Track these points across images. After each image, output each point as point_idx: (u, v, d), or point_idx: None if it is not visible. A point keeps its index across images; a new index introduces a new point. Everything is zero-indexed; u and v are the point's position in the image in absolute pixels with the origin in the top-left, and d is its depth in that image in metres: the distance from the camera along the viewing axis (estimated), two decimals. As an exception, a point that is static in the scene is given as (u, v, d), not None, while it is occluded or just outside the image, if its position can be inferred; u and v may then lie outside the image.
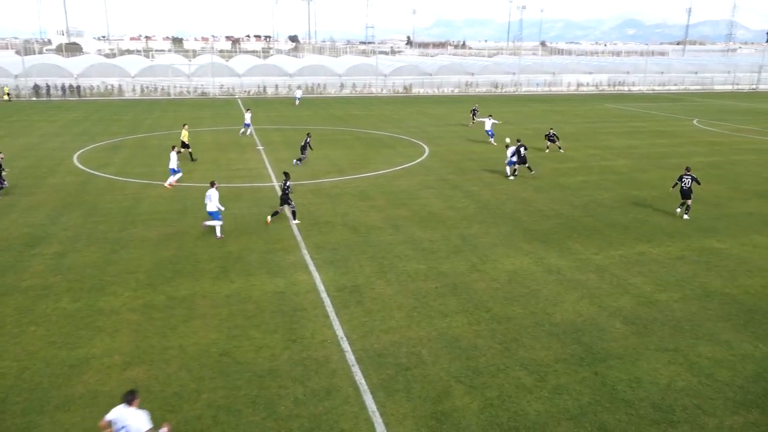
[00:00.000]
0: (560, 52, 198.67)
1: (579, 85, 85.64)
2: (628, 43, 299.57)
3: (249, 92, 73.17)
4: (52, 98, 66.32)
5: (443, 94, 77.39)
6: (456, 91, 79.59)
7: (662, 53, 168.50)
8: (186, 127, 32.88)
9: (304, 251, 18.00)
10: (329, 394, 10.84)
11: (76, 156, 33.17)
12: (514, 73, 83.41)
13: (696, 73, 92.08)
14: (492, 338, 12.88)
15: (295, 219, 20.96)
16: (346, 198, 24.33)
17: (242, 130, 40.37)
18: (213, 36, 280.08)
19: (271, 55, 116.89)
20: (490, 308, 14.33)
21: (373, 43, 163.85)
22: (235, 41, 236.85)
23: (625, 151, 35.99)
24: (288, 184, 20.68)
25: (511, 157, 28.35)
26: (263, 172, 29.20)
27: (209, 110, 56.18)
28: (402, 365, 11.78)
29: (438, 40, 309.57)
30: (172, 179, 26.05)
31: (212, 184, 19.64)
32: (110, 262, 17.02)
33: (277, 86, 74.27)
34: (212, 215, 19.41)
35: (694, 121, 51.25)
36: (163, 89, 71.44)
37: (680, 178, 22.25)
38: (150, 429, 8.13)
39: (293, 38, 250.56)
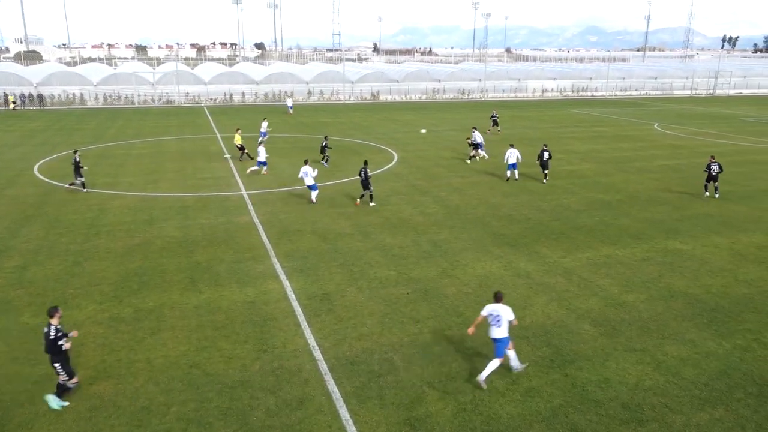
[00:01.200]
0: (525, 58, 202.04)
1: (544, 90, 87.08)
2: (590, 50, 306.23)
3: (215, 100, 72.41)
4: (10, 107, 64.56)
5: (411, 100, 77.81)
6: (423, 97, 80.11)
7: (623, 59, 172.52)
8: (239, 131, 35.92)
9: (274, 260, 17.85)
10: (302, 403, 10.74)
11: (36, 166, 32.33)
12: (480, 80, 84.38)
13: (656, 78, 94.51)
14: (463, 343, 12.94)
15: (372, 202, 24.41)
16: (315, 206, 24.22)
17: (260, 138, 38.43)
18: (177, 43, 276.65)
19: (237, 62, 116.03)
20: (462, 313, 14.40)
21: (340, 50, 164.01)
22: (201, 49, 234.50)
23: (590, 156, 36.69)
24: (367, 171, 24.34)
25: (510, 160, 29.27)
26: (231, 180, 28.90)
27: (175, 119, 55.41)
28: (374, 372, 11.75)
29: (405, 47, 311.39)
30: (264, 168, 30.51)
31: (305, 162, 24.93)
32: (74, 274, 16.60)
33: (243, 94, 73.68)
34: (311, 188, 24.48)
35: (655, 126, 52.55)
36: (126, 98, 70.22)
37: (708, 166, 26.37)
38: (514, 319, 11.40)
39: (259, 45, 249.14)
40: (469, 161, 34.40)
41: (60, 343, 10.47)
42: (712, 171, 26.14)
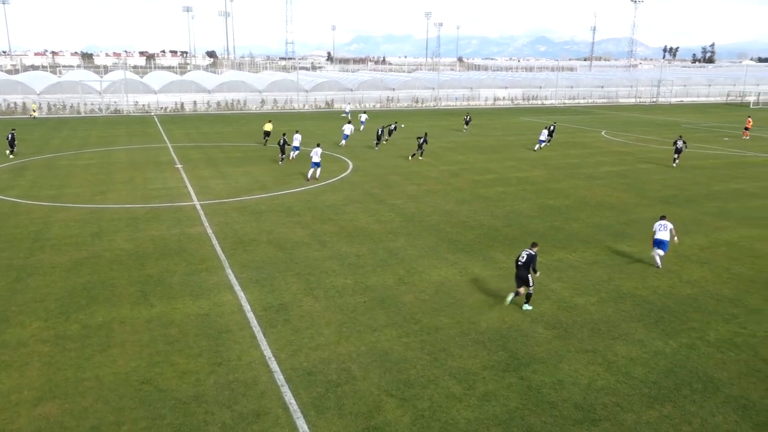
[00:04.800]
0: (477, 67, 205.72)
1: (496, 99, 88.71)
2: (540, 59, 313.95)
3: (166, 109, 70.96)
4: (-54, 117, 61.68)
5: (365, 109, 78.06)
6: (378, 106, 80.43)
7: (571, 69, 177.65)
8: (271, 121, 45.48)
9: (229, 271, 17.56)
10: (258, 417, 10.57)
11: (-25, 179, 30.94)
12: (433, 88, 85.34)
13: (602, 87, 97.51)
14: (421, 350, 13.01)
15: (421, 156, 34.74)
16: (271, 215, 23.98)
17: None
18: (126, 51, 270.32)
19: (189, 71, 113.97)
20: (419, 320, 14.48)
21: (294, 58, 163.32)
22: (150, 57, 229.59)
23: (540, 162, 37.53)
24: (426, 138, 36.54)
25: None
26: (183, 191, 28.32)
27: (123, 128, 54.01)
28: (332, 382, 11.68)
29: (358, 56, 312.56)
30: (293, 154, 36.42)
31: (318, 145, 31.33)
32: (16, 291, 15.93)
33: (195, 103, 72.44)
34: (315, 164, 30.46)
35: (602, 133, 54.19)
36: (72, 107, 68.04)
37: (675, 142, 36.31)
38: None
39: (211, 54, 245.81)
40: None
41: None
42: (677, 146, 35.85)
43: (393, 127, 45.32)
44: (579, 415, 10.76)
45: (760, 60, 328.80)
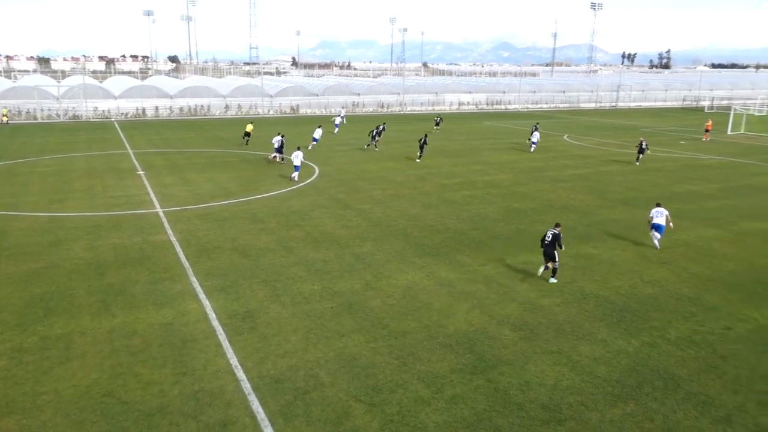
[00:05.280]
0: (442, 72, 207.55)
1: (460, 104, 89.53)
2: (503, 65, 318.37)
3: (126, 115, 69.57)
4: None
5: (331, 114, 77.89)
6: (343, 111, 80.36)
7: (533, 74, 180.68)
8: (252, 122, 49.42)
9: (193, 279, 17.28)
10: (225, 427, 10.41)
11: (-75, 187, 29.79)
12: (398, 93, 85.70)
13: (564, 92, 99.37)
14: (389, 354, 13.01)
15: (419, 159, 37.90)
16: (235, 221, 23.71)
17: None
18: (84, 56, 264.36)
19: (150, 75, 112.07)
20: (387, 324, 14.48)
21: (258, 63, 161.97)
22: (110, 61, 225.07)
23: (506, 166, 38.02)
24: (426, 140, 40.10)
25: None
26: (145, 198, 27.78)
27: (83, 134, 52.72)
28: (300, 389, 11.58)
29: (323, 61, 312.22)
30: (277, 156, 37.28)
31: (298, 148, 32.70)
32: (-30, 303, 15.36)
33: (157, 108, 71.21)
34: (296, 168, 31.57)
35: (565, 137, 55.20)
36: (28, 113, 66.12)
37: (640, 144, 39.99)
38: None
39: (173, 59, 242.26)
40: (366, 147, 42.34)
41: None
42: (642, 147, 39.83)
43: (382, 128, 46.80)
44: (545, 415, 10.91)
45: (714, 66, 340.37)
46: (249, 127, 46.96)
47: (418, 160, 39.61)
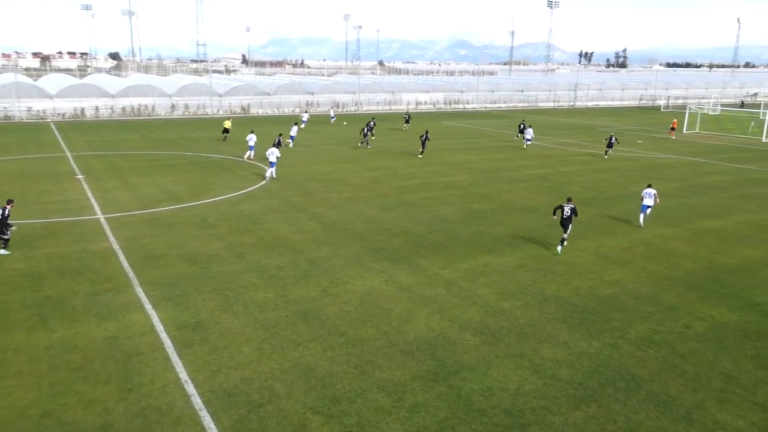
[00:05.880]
0: (398, 71, 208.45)
1: (418, 103, 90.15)
2: (460, 63, 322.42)
3: (64, 115, 67.43)
4: None
5: (284, 114, 77.30)
6: (297, 111, 79.86)
7: (491, 73, 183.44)
8: (230, 119, 51.93)
9: (138, 289, 16.86)
10: (174, 444, 10.17)
11: None
12: (354, 93, 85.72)
13: (522, 91, 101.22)
14: (348, 363, 12.96)
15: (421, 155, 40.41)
16: (183, 227, 23.25)
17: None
18: (17, 52, 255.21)
19: (90, 73, 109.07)
20: (344, 332, 14.43)
21: (206, 61, 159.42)
22: (45, 58, 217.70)
23: (464, 167, 38.47)
24: (428, 135, 42.64)
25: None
26: (85, 204, 26.97)
27: (14, 136, 50.82)
28: (254, 402, 11.42)
29: (275, 59, 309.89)
30: (251, 154, 38.50)
31: (274, 145, 34.19)
32: None
33: (97, 108, 69.27)
34: (272, 164, 32.57)
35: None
36: (-46, 113, 63.39)
37: (609, 138, 43.42)
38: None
39: (114, 56, 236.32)
40: (360, 145, 44.35)
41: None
42: (611, 141, 43.34)
43: (372, 123, 49.89)
44: (508, 420, 11.05)
45: (669, 65, 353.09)
46: (227, 124, 49.44)
47: (420, 156, 42.04)
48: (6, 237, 19.69)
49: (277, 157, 32.92)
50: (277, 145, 38.11)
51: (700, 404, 11.73)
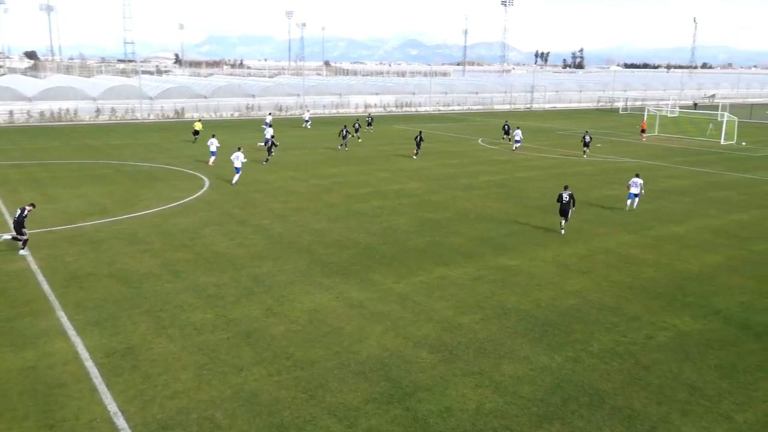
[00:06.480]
0: (345, 72, 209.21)
1: (367, 106, 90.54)
2: (411, 64, 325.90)
3: (-27, 121, 64.87)
4: None
5: (222, 118, 76.38)
6: (236, 114, 79.06)
7: (444, 74, 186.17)
8: (200, 120, 55.75)
9: (60, 313, 16.31)
10: (103, 484, 9.84)
11: None
12: (298, 95, 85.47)
13: (477, 93, 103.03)
14: (296, 387, 12.84)
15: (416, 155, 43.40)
16: (112, 243, 22.65)
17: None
18: None
19: (3, 74, 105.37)
20: (291, 354, 14.30)
21: (135, 61, 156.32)
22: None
23: (417, 173, 38.79)
24: (422, 136, 45.53)
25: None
26: (-2, 219, 25.96)
27: None
28: (193, 434, 11.17)
29: (211, 59, 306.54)
30: (212, 159, 39.73)
31: (239, 149, 34.65)
32: None
33: (11, 113, 66.91)
34: (237, 170, 33.55)
35: (479, 141, 57.17)
36: None
37: (583, 137, 47.18)
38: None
39: (31, 54, 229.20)
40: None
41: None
42: (585, 140, 46.49)
43: (357, 125, 53.93)
44: (468, 443, 11.13)
45: (626, 66, 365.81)
46: (197, 125, 52.37)
47: (414, 158, 44.44)
48: (24, 237, 21.27)
49: (243, 162, 33.99)
50: (270, 147, 41.10)
51: (665, 417, 12.10)
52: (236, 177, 33.82)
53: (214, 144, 39.96)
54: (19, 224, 21.04)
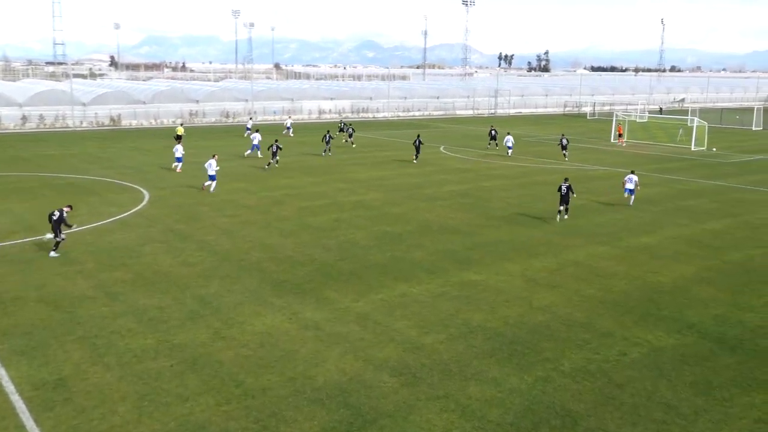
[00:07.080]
0: (297, 75, 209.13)
1: (321, 112, 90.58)
2: (368, 66, 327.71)
3: None
4: None
5: (163, 126, 75.42)
6: (179, 121, 78.19)
7: (403, 77, 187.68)
8: (183, 125, 58.38)
9: (-18, 342, 15.81)
10: None
11: None
12: (246, 100, 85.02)
13: (438, 97, 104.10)
14: (246, 417, 12.70)
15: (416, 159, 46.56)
16: (41, 264, 22.11)
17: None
18: None
19: None
20: (242, 381, 14.14)
21: (66, 63, 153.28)
22: None
23: (375, 183, 38.92)
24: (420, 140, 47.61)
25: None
26: None
27: None
28: (133, 473, 10.92)
29: (151, 61, 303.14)
30: (178, 165, 41.44)
31: (213, 156, 35.54)
32: None
33: (-74, 121, 64.82)
34: (211, 178, 34.67)
35: (441, 148, 57.70)
36: None
37: (560, 141, 50.93)
38: None
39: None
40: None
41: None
42: (563, 143, 50.11)
43: (342, 126, 58.50)
44: (434, 472, 11.14)
45: (593, 69, 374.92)
46: (180, 130, 54.01)
47: (415, 161, 47.29)
48: (62, 239, 23.09)
49: (216, 170, 34.96)
50: (275, 152, 42.64)
51: (639, 439, 12.30)
52: (213, 185, 34.90)
53: (179, 150, 42.25)
54: (58, 226, 22.83)
